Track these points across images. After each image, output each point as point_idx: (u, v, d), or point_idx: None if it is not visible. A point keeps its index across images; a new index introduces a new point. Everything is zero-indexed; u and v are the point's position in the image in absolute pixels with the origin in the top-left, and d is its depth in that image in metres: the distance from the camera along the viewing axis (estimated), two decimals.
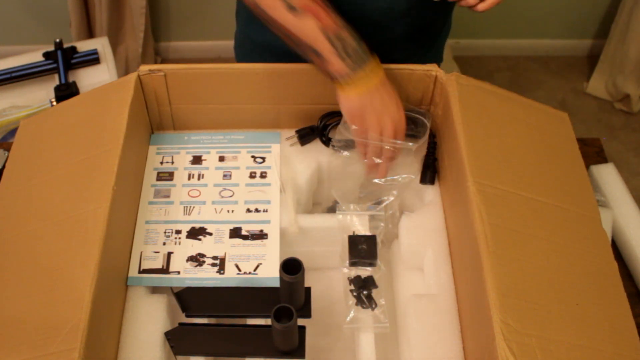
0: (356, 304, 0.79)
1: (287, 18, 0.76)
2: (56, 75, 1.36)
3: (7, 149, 1.00)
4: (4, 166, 0.89)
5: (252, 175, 0.89)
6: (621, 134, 2.10)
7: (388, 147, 0.81)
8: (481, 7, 0.77)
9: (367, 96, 0.77)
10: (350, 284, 0.81)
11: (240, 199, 0.86)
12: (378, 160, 0.83)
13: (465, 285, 0.75)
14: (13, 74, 1.36)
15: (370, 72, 0.77)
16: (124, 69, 2.10)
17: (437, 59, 1.05)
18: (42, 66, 1.38)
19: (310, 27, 0.75)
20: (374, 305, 0.79)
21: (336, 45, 0.75)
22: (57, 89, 1.30)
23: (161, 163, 0.90)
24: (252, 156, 0.91)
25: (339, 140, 0.87)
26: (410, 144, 0.83)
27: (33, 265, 0.70)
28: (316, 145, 0.91)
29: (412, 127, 0.87)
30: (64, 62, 1.37)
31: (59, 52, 1.39)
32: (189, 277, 0.79)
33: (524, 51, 2.31)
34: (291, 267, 0.71)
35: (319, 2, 0.76)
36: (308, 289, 0.79)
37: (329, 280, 0.89)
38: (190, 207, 0.85)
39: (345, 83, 0.77)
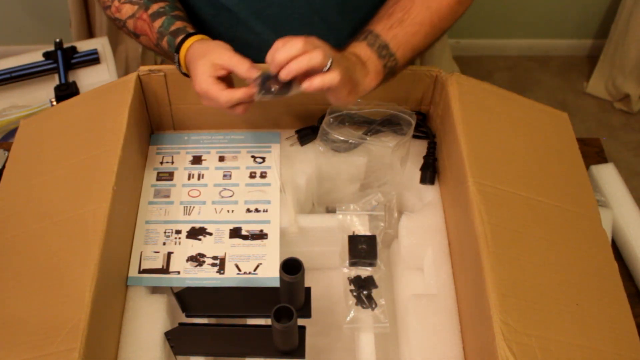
0: (356, 304, 0.79)
1: (139, 40, 0.89)
2: (56, 75, 1.36)
3: (7, 149, 1.00)
4: (4, 166, 0.89)
5: (252, 175, 0.89)
6: (621, 134, 2.10)
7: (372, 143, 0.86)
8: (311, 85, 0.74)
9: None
10: (350, 284, 0.81)
11: (240, 199, 0.86)
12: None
13: (465, 285, 0.75)
14: (13, 74, 1.36)
15: (181, 61, 0.82)
16: (124, 69, 2.09)
17: None
18: (42, 66, 1.37)
19: (149, 43, 0.87)
20: (374, 305, 0.79)
21: (166, 53, 0.85)
22: (57, 89, 1.30)
23: (161, 163, 0.90)
24: (252, 156, 0.91)
25: (335, 140, 0.87)
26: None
27: (33, 265, 0.70)
28: (316, 145, 0.91)
29: (398, 127, 0.87)
30: (64, 62, 1.37)
31: (59, 52, 1.39)
32: (189, 277, 0.79)
33: (524, 51, 2.30)
34: (291, 267, 0.71)
35: (144, 17, 0.86)
36: (308, 289, 0.79)
37: (329, 280, 0.89)
38: (190, 207, 0.85)
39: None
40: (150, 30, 0.85)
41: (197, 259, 0.80)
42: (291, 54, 0.69)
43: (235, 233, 0.83)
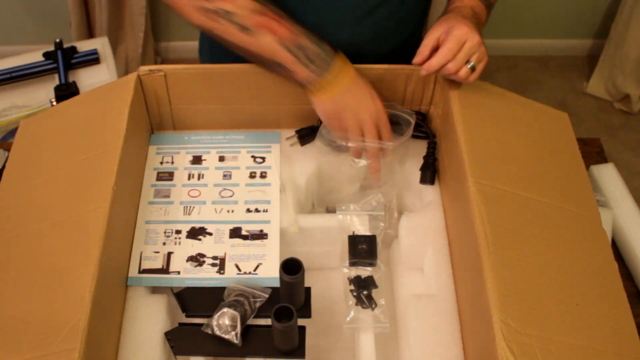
0: (356, 304, 0.79)
1: (243, 39, 0.77)
2: (56, 75, 1.37)
3: (7, 149, 1.00)
4: (4, 166, 0.89)
5: (252, 175, 0.89)
6: (621, 134, 2.10)
7: (371, 145, 0.82)
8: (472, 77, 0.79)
9: (340, 97, 0.76)
10: (350, 284, 0.81)
11: (240, 199, 0.86)
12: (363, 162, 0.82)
13: (465, 285, 0.75)
14: (13, 74, 1.37)
15: (338, 73, 0.76)
16: (124, 69, 2.10)
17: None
18: (42, 66, 1.38)
19: (268, 42, 0.76)
20: (374, 305, 0.79)
21: (297, 55, 0.75)
22: (57, 89, 1.30)
23: (161, 163, 0.90)
24: (252, 156, 0.91)
25: (333, 141, 0.87)
26: (389, 143, 0.82)
27: (33, 265, 0.70)
28: (316, 145, 0.91)
29: (398, 127, 0.87)
30: (64, 62, 1.38)
31: (59, 52, 1.39)
32: (189, 277, 0.79)
33: (524, 51, 2.31)
34: (291, 267, 0.71)
35: (271, 15, 0.76)
36: (308, 289, 0.79)
37: (329, 280, 0.89)
38: (190, 207, 0.85)
39: (315, 89, 0.76)
40: (280, 27, 0.74)
41: (197, 259, 0.80)
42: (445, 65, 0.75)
43: (235, 233, 0.83)
